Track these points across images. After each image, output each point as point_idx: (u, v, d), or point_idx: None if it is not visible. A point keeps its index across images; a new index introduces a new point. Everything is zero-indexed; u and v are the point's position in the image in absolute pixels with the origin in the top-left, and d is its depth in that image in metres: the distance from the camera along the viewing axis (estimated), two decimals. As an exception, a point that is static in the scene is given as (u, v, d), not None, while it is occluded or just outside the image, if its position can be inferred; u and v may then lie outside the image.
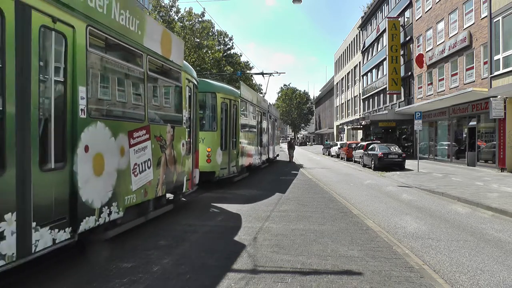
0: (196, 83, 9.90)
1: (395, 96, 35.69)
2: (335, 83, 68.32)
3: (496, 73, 18.31)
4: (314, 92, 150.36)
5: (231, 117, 13.65)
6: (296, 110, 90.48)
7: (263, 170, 21.13)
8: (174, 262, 5.28)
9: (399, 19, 33.92)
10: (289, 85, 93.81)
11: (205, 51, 31.73)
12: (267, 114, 22.22)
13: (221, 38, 36.97)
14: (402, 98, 34.02)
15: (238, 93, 14.73)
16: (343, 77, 60.48)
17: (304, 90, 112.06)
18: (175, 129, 8.00)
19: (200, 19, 32.34)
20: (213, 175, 12.39)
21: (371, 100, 44.25)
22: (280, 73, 30.40)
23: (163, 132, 7.39)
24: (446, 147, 25.69)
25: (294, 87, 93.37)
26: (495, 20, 18.52)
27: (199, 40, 31.15)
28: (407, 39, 32.51)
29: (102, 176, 5.33)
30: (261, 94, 30.77)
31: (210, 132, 12.49)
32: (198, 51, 30.54)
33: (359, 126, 42.32)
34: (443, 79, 25.68)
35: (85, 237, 5.25)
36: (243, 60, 39.22)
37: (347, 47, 57.68)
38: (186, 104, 8.78)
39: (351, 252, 5.77)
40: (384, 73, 36.76)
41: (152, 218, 7.40)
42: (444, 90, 25.16)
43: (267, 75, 29.28)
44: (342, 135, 57.72)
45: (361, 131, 44.67)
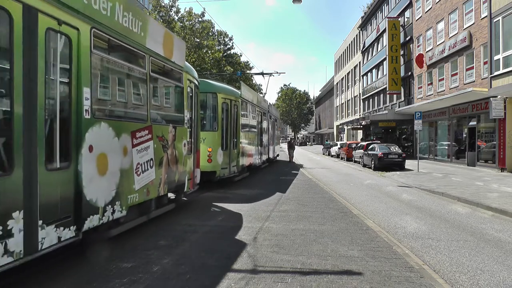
0: (197, 84, 9.96)
1: (395, 96, 35.70)
2: (335, 83, 68.32)
3: (496, 73, 18.31)
4: (314, 92, 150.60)
5: (232, 117, 13.69)
6: (296, 110, 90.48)
7: (264, 170, 21.14)
8: (174, 262, 5.28)
9: (399, 19, 33.93)
10: (289, 85, 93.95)
11: (205, 51, 31.74)
12: (267, 114, 22.23)
13: (221, 38, 36.97)
14: (402, 98, 34.03)
15: (239, 93, 14.76)
16: (343, 77, 60.49)
17: (304, 90, 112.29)
18: (177, 129, 8.06)
19: (200, 19, 32.35)
20: (214, 174, 12.45)
21: (371, 100, 44.26)
22: (280, 73, 30.45)
23: (165, 132, 7.45)
24: (446, 147, 25.70)
25: (294, 87, 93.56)
26: (495, 20, 18.52)
27: (199, 40, 31.15)
28: (407, 39, 32.52)
29: (106, 175, 5.41)
30: (261, 94, 30.76)
31: (211, 132, 12.54)
32: (198, 51, 30.55)
33: (359, 126, 42.34)
34: (443, 79, 25.68)
35: (89, 235, 5.30)
36: (243, 60, 39.28)
37: (347, 47, 57.69)
38: (188, 105, 8.84)
39: (351, 252, 5.77)
40: (384, 73, 36.76)
41: (153, 217, 7.41)
42: (444, 90, 25.16)
43: (267, 75, 29.29)
44: (342, 135, 57.72)
45: (361, 131, 44.68)
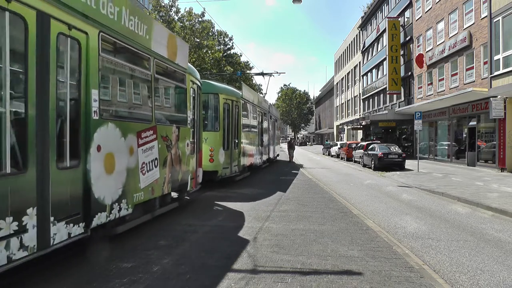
0: (200, 85, 10.12)
1: (395, 96, 35.69)
2: (335, 83, 68.31)
3: (496, 73, 18.31)
4: (314, 92, 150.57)
5: (233, 117, 13.79)
6: (296, 110, 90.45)
7: (264, 169, 21.15)
8: (174, 262, 5.28)
9: (399, 19, 33.92)
10: (289, 85, 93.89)
11: (205, 51, 31.73)
12: (267, 115, 22.26)
13: (221, 38, 36.94)
14: (402, 98, 34.03)
15: (240, 94, 14.85)
16: (343, 77, 60.48)
17: (304, 90, 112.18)
18: (180, 129, 8.23)
19: (200, 19, 32.35)
20: (215, 174, 12.58)
21: (371, 100, 44.25)
22: (280, 73, 30.44)
23: (169, 133, 7.63)
24: (446, 147, 25.69)
25: (294, 87, 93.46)
26: (495, 20, 18.52)
27: (199, 40, 31.14)
28: (407, 39, 32.51)
29: (113, 174, 5.60)
30: (261, 95, 30.77)
31: (212, 132, 12.65)
32: (198, 51, 30.54)
33: (359, 126, 42.33)
34: (443, 79, 25.67)
35: (96, 232, 5.49)
36: (243, 60, 39.20)
37: (347, 47, 57.68)
38: (191, 105, 9.01)
39: (351, 252, 5.77)
40: (384, 73, 36.76)
41: (153, 217, 7.42)
42: (444, 90, 25.15)
43: (267, 75, 29.28)
44: (342, 135, 57.72)
45: (361, 131, 44.68)
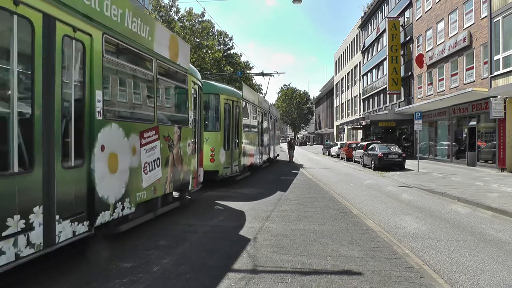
0: (201, 85, 10.20)
1: (395, 96, 35.69)
2: (335, 83, 68.31)
3: (496, 73, 18.31)
4: (314, 92, 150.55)
5: (234, 117, 13.87)
6: (296, 110, 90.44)
7: (264, 169, 21.15)
8: (174, 262, 5.28)
9: (399, 19, 33.92)
10: (289, 85, 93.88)
11: (205, 51, 31.73)
12: (268, 115, 22.28)
13: (221, 38, 36.94)
14: (402, 98, 34.02)
15: (241, 94, 14.93)
16: (343, 77, 60.48)
17: (304, 90, 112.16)
18: (182, 129, 8.33)
19: (200, 19, 32.34)
20: (216, 174, 12.67)
21: (371, 100, 44.25)
22: (280, 73, 30.44)
23: (170, 133, 7.72)
24: (446, 147, 25.69)
25: (294, 87, 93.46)
26: (495, 20, 18.52)
27: (199, 40, 31.14)
28: (407, 39, 32.51)
29: (116, 173, 5.69)
30: (261, 95, 30.78)
31: (213, 132, 12.73)
32: (198, 51, 30.54)
33: (359, 126, 42.32)
34: (443, 79, 25.67)
35: (100, 230, 5.59)
36: (243, 60, 39.20)
37: (347, 47, 57.67)
38: (192, 106, 9.11)
39: (351, 252, 5.77)
40: (384, 73, 36.76)
41: (153, 218, 7.42)
42: (444, 90, 25.15)
43: (267, 76, 29.29)
44: (342, 135, 57.71)
45: (361, 131, 44.67)
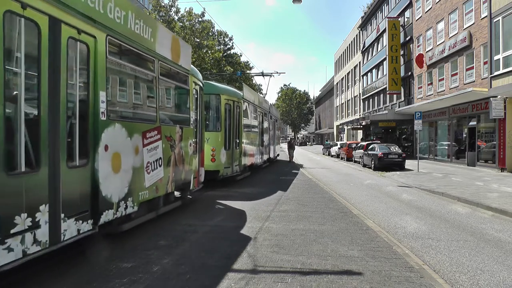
0: (202, 85, 10.28)
1: (395, 96, 35.69)
2: (335, 83, 68.30)
3: (496, 73, 18.31)
4: (314, 92, 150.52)
5: (234, 118, 13.94)
6: (296, 110, 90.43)
7: (264, 169, 21.16)
8: (174, 262, 5.28)
9: (399, 19, 33.91)
10: (289, 85, 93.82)
11: (205, 51, 31.72)
12: (268, 115, 22.32)
13: (221, 38, 36.92)
14: (402, 98, 34.02)
15: (241, 94, 15.01)
16: (343, 77, 60.47)
17: (304, 90, 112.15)
18: (183, 129, 8.42)
19: (200, 19, 32.33)
20: (217, 173, 12.76)
21: (371, 100, 44.25)
22: (280, 73, 30.43)
23: (172, 133, 7.80)
24: (446, 147, 25.69)
25: (294, 87, 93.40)
26: (495, 20, 18.52)
27: (199, 40, 31.14)
28: (407, 39, 32.51)
29: (119, 173, 5.78)
30: (261, 95, 30.79)
31: (214, 132, 12.80)
32: (198, 51, 30.55)
33: (359, 126, 42.32)
34: (443, 79, 25.67)
35: (104, 229, 5.65)
36: (243, 60, 39.16)
37: (347, 47, 57.67)
38: (193, 106, 9.20)
39: (351, 252, 5.77)
40: (384, 73, 36.75)
41: (153, 217, 7.43)
42: (444, 90, 25.15)
43: (267, 76, 29.29)
44: (342, 135, 57.71)
45: (361, 131, 44.67)
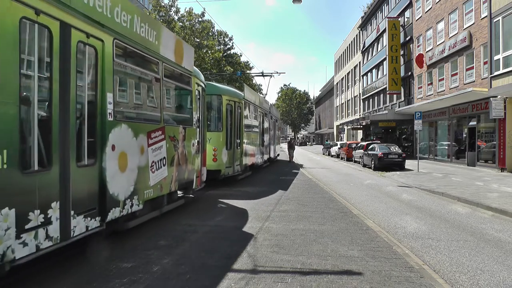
0: (204, 86, 10.43)
1: (395, 96, 35.69)
2: (335, 83, 68.30)
3: (496, 73, 18.31)
4: (314, 92, 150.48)
5: (236, 118, 14.05)
6: (296, 110, 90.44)
7: (265, 169, 21.17)
8: (174, 262, 5.28)
9: (399, 19, 33.91)
10: (289, 85, 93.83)
11: (205, 51, 31.73)
12: (268, 115, 22.38)
13: (221, 38, 36.91)
14: (402, 98, 34.02)
15: (242, 95, 15.14)
16: (343, 77, 60.47)
17: (304, 90, 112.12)
18: (186, 130, 8.57)
19: (200, 19, 32.33)
20: (218, 173, 12.88)
21: (371, 100, 44.24)
22: (280, 73, 30.42)
23: (176, 133, 7.95)
24: (446, 147, 25.69)
25: (294, 87, 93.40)
26: (495, 20, 18.52)
27: (199, 40, 31.15)
28: (407, 39, 32.50)
29: (125, 172, 5.95)
30: (261, 95, 30.81)
31: (216, 132, 12.93)
32: (198, 51, 30.54)
33: (359, 126, 42.32)
34: (443, 79, 25.67)
35: (111, 226, 5.80)
36: (243, 60, 39.16)
37: (347, 47, 57.67)
38: (196, 107, 9.35)
39: (351, 252, 5.77)
40: (384, 73, 36.75)
41: (152, 217, 7.44)
42: (444, 90, 25.15)
43: (267, 76, 29.30)
44: (342, 135, 57.71)
45: (361, 131, 44.67)
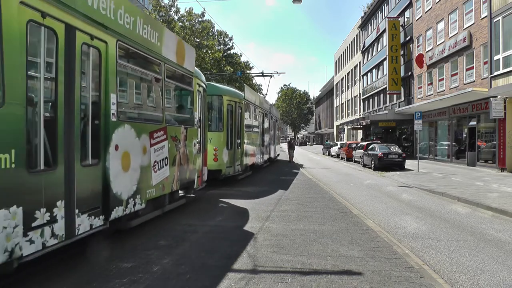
0: (205, 87, 10.49)
1: (395, 96, 35.69)
2: (335, 83, 68.29)
3: (496, 73, 18.31)
4: (314, 92, 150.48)
5: (236, 118, 14.11)
6: (296, 110, 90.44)
7: (265, 169, 21.18)
8: (174, 262, 5.28)
9: (399, 19, 33.91)
10: (289, 85, 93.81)
11: (205, 51, 31.72)
12: (268, 115, 22.41)
13: (221, 38, 36.92)
14: (402, 98, 34.02)
15: (243, 95, 15.21)
16: (343, 77, 60.47)
17: (304, 90, 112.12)
18: (188, 130, 8.65)
19: (200, 19, 32.32)
20: (219, 173, 12.95)
21: (371, 100, 44.24)
22: (280, 73, 30.40)
23: (177, 133, 8.02)
24: (446, 147, 25.69)
25: (294, 87, 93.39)
26: (495, 20, 18.52)
27: (199, 40, 31.15)
28: (407, 39, 32.50)
29: (128, 171, 6.04)
30: (261, 95, 30.81)
31: (217, 132, 13.00)
32: (198, 51, 30.52)
33: (359, 126, 42.32)
34: (443, 79, 25.67)
35: (114, 224, 5.87)
36: (243, 60, 39.15)
37: (347, 47, 57.67)
38: (197, 107, 9.42)
39: (351, 252, 5.77)
40: (384, 73, 36.75)
41: (153, 217, 7.44)
42: (444, 90, 25.15)
43: (267, 76, 29.30)
44: (342, 135, 57.70)
45: (361, 131, 44.67)
